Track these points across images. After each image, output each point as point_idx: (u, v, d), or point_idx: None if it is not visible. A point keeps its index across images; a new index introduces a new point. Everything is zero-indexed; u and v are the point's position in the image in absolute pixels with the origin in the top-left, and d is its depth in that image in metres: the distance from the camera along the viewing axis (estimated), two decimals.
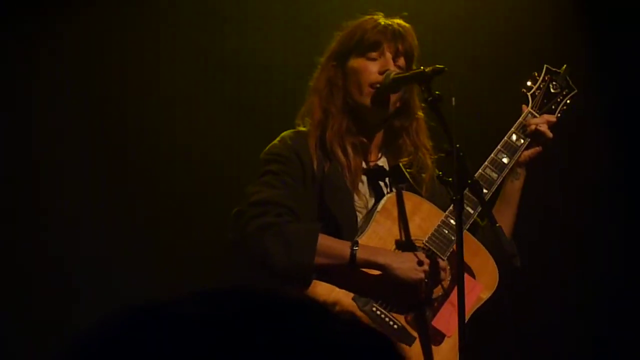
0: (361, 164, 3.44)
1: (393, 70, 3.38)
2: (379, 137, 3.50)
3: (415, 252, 3.30)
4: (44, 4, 4.49)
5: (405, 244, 3.34)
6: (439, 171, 3.41)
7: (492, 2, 4.79)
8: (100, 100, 4.57)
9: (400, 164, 3.48)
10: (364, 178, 3.45)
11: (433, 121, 3.42)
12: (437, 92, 3.19)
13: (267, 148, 3.45)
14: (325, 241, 3.25)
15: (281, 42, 4.57)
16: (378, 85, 3.38)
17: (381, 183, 3.47)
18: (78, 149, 4.55)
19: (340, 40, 3.48)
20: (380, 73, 3.39)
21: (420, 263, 3.26)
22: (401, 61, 3.42)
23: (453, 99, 3.09)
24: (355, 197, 3.39)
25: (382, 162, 3.51)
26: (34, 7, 4.46)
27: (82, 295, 4.44)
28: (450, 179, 3.17)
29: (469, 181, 3.18)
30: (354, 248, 3.24)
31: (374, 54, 3.41)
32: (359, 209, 3.39)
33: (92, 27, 4.54)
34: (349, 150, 3.40)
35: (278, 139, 3.46)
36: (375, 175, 3.47)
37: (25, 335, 4.38)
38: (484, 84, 4.61)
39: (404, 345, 3.30)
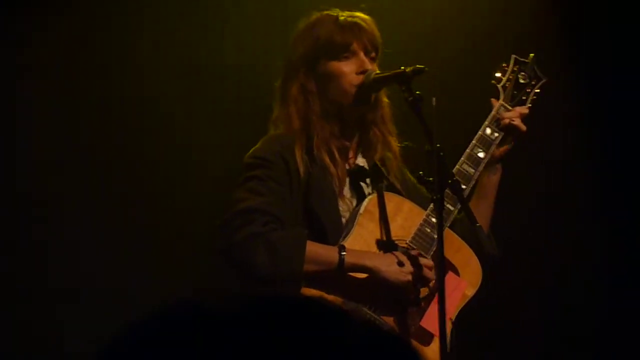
0: (345, 167, 3.44)
1: (371, 70, 3.38)
2: (355, 136, 3.49)
3: (401, 253, 3.29)
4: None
5: (389, 245, 3.33)
6: (420, 171, 3.42)
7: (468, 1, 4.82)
8: (89, 105, 4.56)
9: (377, 162, 3.48)
10: (347, 180, 3.45)
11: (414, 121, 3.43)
12: (417, 92, 3.19)
13: (251, 151, 3.41)
14: (313, 248, 3.24)
15: (267, 44, 4.57)
16: (359, 84, 3.37)
17: (362, 184, 3.47)
18: (70, 154, 4.54)
19: (303, 45, 3.43)
20: (358, 73, 3.38)
21: (406, 264, 3.26)
22: (372, 54, 3.42)
23: (434, 99, 3.10)
24: (340, 202, 3.39)
25: (361, 161, 3.50)
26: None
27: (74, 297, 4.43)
28: (431, 179, 3.17)
29: (450, 181, 3.18)
30: (342, 253, 3.23)
31: (346, 55, 3.39)
32: (342, 212, 3.39)
33: (81, 30, 4.53)
34: (336, 155, 3.40)
35: (262, 142, 3.42)
36: (356, 176, 3.46)
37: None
38: (461, 83, 4.63)
39: None
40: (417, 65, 3.22)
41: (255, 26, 4.65)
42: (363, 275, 3.26)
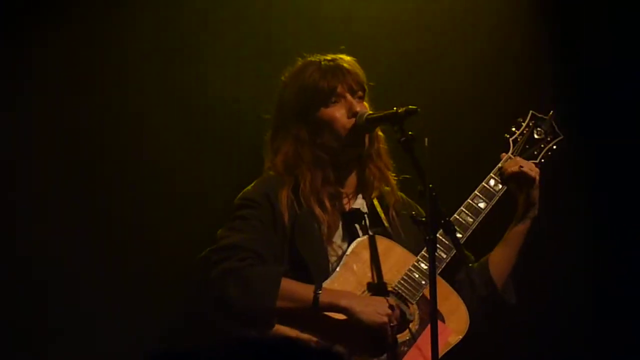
0: (339, 213, 3.43)
1: (361, 110, 3.38)
2: (352, 176, 3.49)
3: (382, 297, 3.27)
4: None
5: (374, 288, 3.32)
6: (412, 211, 3.42)
7: (458, 37, 4.83)
8: (71, 145, 4.56)
9: (375, 203, 3.48)
10: (340, 223, 3.44)
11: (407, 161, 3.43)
12: (410, 133, 3.20)
13: (240, 193, 3.44)
14: (288, 285, 3.24)
15: (251, 76, 4.58)
16: (351, 127, 3.38)
17: (357, 226, 3.46)
18: (51, 185, 4.54)
19: (291, 97, 3.45)
20: (350, 116, 3.39)
21: (385, 307, 3.24)
22: (359, 94, 3.43)
23: (426, 139, 3.10)
24: (329, 248, 3.38)
25: (359, 203, 3.49)
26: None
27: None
28: (424, 219, 3.17)
29: (442, 221, 3.18)
30: (317, 292, 3.23)
31: (334, 99, 3.41)
32: (332, 258, 3.38)
33: (64, 63, 4.53)
34: (327, 204, 3.40)
35: (253, 184, 3.45)
36: (351, 219, 3.46)
37: None
38: (454, 123, 4.64)
39: None
40: (410, 106, 3.23)
41: (239, 58, 4.66)
42: (339, 316, 3.25)
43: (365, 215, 3.47)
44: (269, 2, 4.68)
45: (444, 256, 3.36)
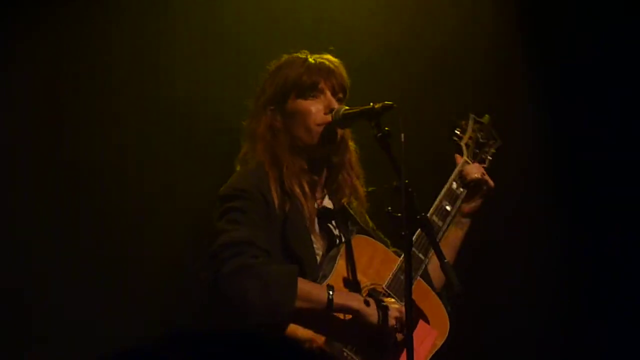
0: (314, 205, 3.43)
1: (340, 107, 3.39)
2: (322, 176, 3.49)
3: (383, 299, 3.27)
4: None
5: (368, 290, 3.32)
6: (388, 207, 3.42)
7: (432, 32, 4.85)
8: (41, 150, 4.54)
9: (345, 204, 3.49)
10: (315, 218, 3.44)
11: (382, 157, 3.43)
12: (386, 129, 3.19)
13: (228, 183, 3.38)
14: (303, 285, 3.20)
15: (220, 76, 4.58)
16: (327, 122, 3.38)
17: (330, 225, 3.46)
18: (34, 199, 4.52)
19: (272, 84, 3.45)
20: (326, 112, 3.39)
21: (395, 310, 3.23)
22: (339, 95, 3.44)
23: (402, 134, 3.09)
24: (313, 238, 3.38)
25: (327, 202, 3.50)
26: None
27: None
28: (399, 215, 3.15)
29: (418, 217, 3.18)
30: (330, 292, 3.20)
31: (313, 94, 3.41)
32: (316, 250, 3.37)
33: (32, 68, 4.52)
34: (307, 190, 3.39)
35: (237, 175, 3.41)
36: (323, 216, 3.46)
37: None
38: (430, 119, 4.65)
39: None
40: (386, 102, 3.23)
41: (208, 58, 4.65)
42: (347, 316, 3.24)
43: (336, 215, 3.47)
44: (247, 4, 4.68)
45: (422, 258, 3.36)
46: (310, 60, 3.45)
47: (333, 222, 3.47)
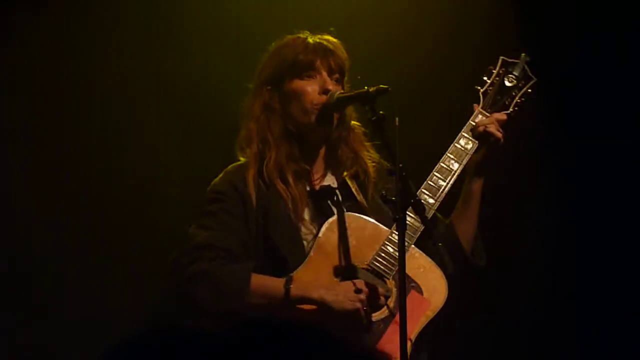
0: (304, 190, 3.43)
1: (334, 89, 3.39)
2: (321, 155, 3.50)
3: (351, 281, 3.25)
4: None
5: (347, 270, 3.31)
6: (382, 190, 3.43)
7: (428, 18, 4.85)
8: (53, 131, 4.56)
9: (347, 178, 3.48)
10: (310, 202, 3.43)
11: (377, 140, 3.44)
12: (381, 112, 3.19)
13: (210, 185, 3.44)
14: (258, 281, 3.23)
15: (231, 64, 4.58)
16: (322, 104, 3.39)
17: (329, 203, 3.44)
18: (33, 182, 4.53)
19: (271, 64, 3.47)
20: (321, 92, 3.40)
21: (357, 291, 3.23)
22: (336, 76, 3.44)
23: (397, 118, 3.09)
24: (302, 227, 3.37)
25: (329, 179, 3.49)
26: None
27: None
28: (394, 198, 3.16)
29: (412, 200, 3.16)
30: (288, 286, 3.22)
31: (309, 73, 3.42)
32: (305, 236, 3.37)
33: (47, 51, 4.53)
34: (290, 179, 3.39)
35: (220, 175, 3.45)
36: (321, 196, 3.45)
37: None
38: (425, 104, 4.66)
39: None
40: (381, 85, 3.22)
41: (221, 44, 4.66)
42: (312, 307, 3.23)
43: (337, 191, 3.47)
44: None
45: (418, 225, 3.33)
46: (309, 40, 3.45)
47: (334, 199, 3.46)
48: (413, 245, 3.35)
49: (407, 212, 3.16)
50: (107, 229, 4.58)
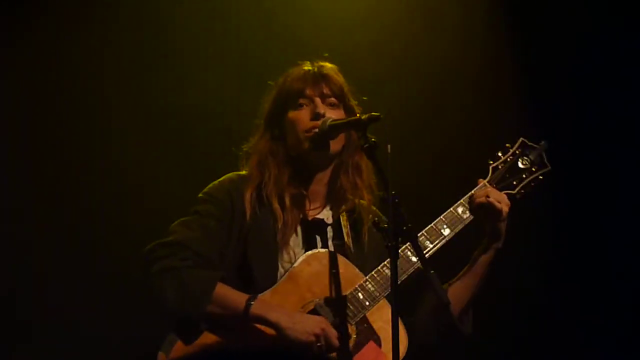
0: (298, 217, 3.41)
1: (329, 113, 3.38)
2: (322, 184, 3.48)
3: (315, 316, 3.24)
4: None
5: (312, 304, 3.29)
6: (375, 218, 3.42)
7: (422, 45, 4.86)
8: (50, 148, 4.57)
9: (342, 217, 3.46)
10: (299, 230, 3.42)
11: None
12: (373, 139, 3.18)
13: (206, 187, 3.44)
14: (222, 290, 3.23)
15: (228, 84, 4.60)
16: (315, 130, 3.38)
17: (317, 237, 3.43)
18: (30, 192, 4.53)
19: (269, 100, 3.49)
20: (312, 118, 3.39)
21: (315, 327, 3.21)
22: (331, 100, 3.42)
23: (389, 146, 3.09)
24: (283, 252, 3.36)
25: (325, 214, 3.48)
26: None
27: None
28: (386, 226, 3.11)
29: (404, 227, 3.15)
30: (250, 302, 3.21)
31: (302, 101, 3.41)
32: (284, 263, 3.36)
33: (46, 70, 4.54)
34: (287, 202, 3.38)
35: (219, 179, 3.45)
36: (312, 228, 3.44)
37: None
38: (417, 131, 4.67)
39: None
40: (373, 113, 3.21)
41: (216, 67, 4.67)
42: (268, 329, 3.22)
43: (329, 227, 3.46)
44: (248, 14, 4.70)
45: (414, 260, 3.34)
46: (303, 69, 3.46)
47: (323, 234, 3.45)
48: (384, 298, 3.33)
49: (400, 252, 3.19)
50: (96, 240, 4.57)
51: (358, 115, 3.28)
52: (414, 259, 3.36)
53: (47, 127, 4.59)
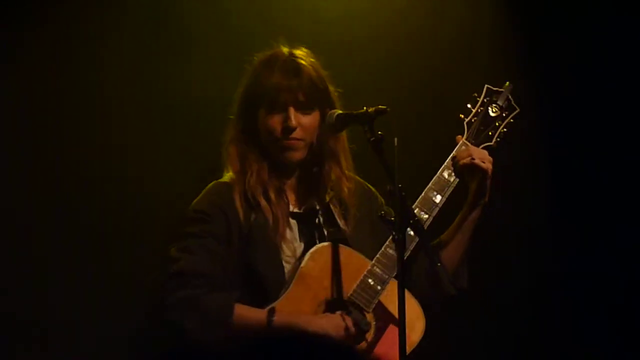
0: (287, 208, 3.43)
1: (334, 111, 3.36)
2: (301, 178, 3.50)
3: (335, 312, 3.26)
4: None
5: (330, 301, 3.31)
6: (381, 211, 3.42)
7: (427, 37, 4.86)
8: (53, 144, 4.56)
9: (331, 204, 3.48)
10: (294, 223, 3.44)
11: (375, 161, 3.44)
12: (379, 133, 3.19)
13: (192, 204, 3.43)
14: (241, 312, 3.24)
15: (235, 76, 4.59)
16: (285, 142, 3.39)
17: (312, 227, 3.45)
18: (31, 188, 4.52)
19: (246, 92, 3.48)
20: (283, 132, 3.39)
21: (339, 322, 3.24)
22: (306, 108, 3.42)
23: (395, 139, 3.09)
24: (283, 247, 3.38)
25: (311, 202, 3.49)
26: None
27: None
28: (393, 219, 3.14)
29: (411, 221, 3.14)
30: (271, 317, 3.22)
31: (276, 107, 3.41)
32: (286, 258, 3.37)
33: (47, 65, 4.54)
34: (272, 196, 3.40)
35: (202, 193, 3.45)
36: (305, 219, 3.45)
37: None
38: (423, 124, 4.67)
39: None
40: (380, 106, 3.22)
41: (222, 59, 4.67)
42: (295, 335, 3.23)
43: (319, 214, 3.47)
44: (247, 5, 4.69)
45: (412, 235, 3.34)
46: (280, 63, 3.44)
47: (316, 222, 3.46)
48: (393, 279, 3.33)
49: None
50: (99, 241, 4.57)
51: (365, 108, 3.26)
52: (412, 233, 3.34)
53: (46, 126, 4.57)
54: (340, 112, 3.38)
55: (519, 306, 4.94)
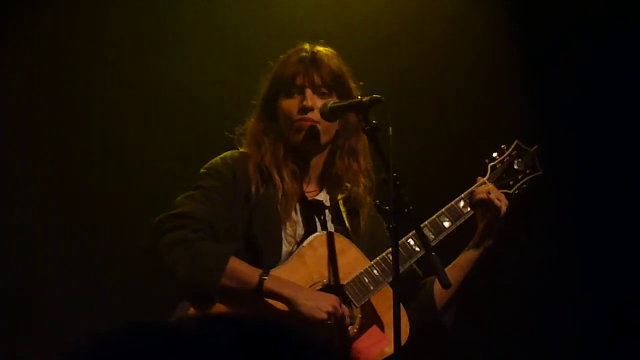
0: (298, 191, 3.42)
1: (328, 101, 3.36)
2: (317, 169, 3.48)
3: (328, 294, 3.27)
4: None
5: (322, 284, 3.32)
6: (376, 200, 3.42)
7: (422, 28, 4.85)
8: (50, 139, 4.56)
9: (340, 203, 3.47)
10: (299, 208, 3.43)
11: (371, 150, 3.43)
12: (374, 122, 3.19)
13: (208, 163, 3.43)
14: (236, 264, 3.23)
15: (234, 75, 4.59)
16: (304, 121, 3.37)
17: (316, 218, 3.45)
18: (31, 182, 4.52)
19: (265, 83, 3.48)
20: (299, 111, 3.38)
21: (328, 304, 3.23)
22: (323, 90, 3.40)
23: (390, 128, 3.09)
24: (287, 225, 3.38)
25: (323, 196, 3.48)
26: None
27: None
28: (387, 208, 3.15)
29: (406, 210, 3.16)
30: (263, 277, 3.22)
31: (293, 90, 3.40)
32: (287, 237, 3.37)
33: (45, 61, 4.53)
34: (286, 175, 3.39)
35: (221, 156, 3.44)
36: (311, 208, 3.45)
37: None
38: (418, 113, 4.66)
39: None
40: (374, 95, 3.23)
41: (222, 58, 4.67)
42: (279, 304, 3.25)
43: (327, 210, 3.47)
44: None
45: (417, 250, 3.37)
46: (298, 55, 3.44)
47: (322, 217, 3.46)
48: (387, 284, 3.35)
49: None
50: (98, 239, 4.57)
51: (359, 97, 3.27)
52: (417, 248, 3.39)
53: (47, 125, 4.56)
54: (335, 101, 3.38)
55: (519, 306, 4.91)
